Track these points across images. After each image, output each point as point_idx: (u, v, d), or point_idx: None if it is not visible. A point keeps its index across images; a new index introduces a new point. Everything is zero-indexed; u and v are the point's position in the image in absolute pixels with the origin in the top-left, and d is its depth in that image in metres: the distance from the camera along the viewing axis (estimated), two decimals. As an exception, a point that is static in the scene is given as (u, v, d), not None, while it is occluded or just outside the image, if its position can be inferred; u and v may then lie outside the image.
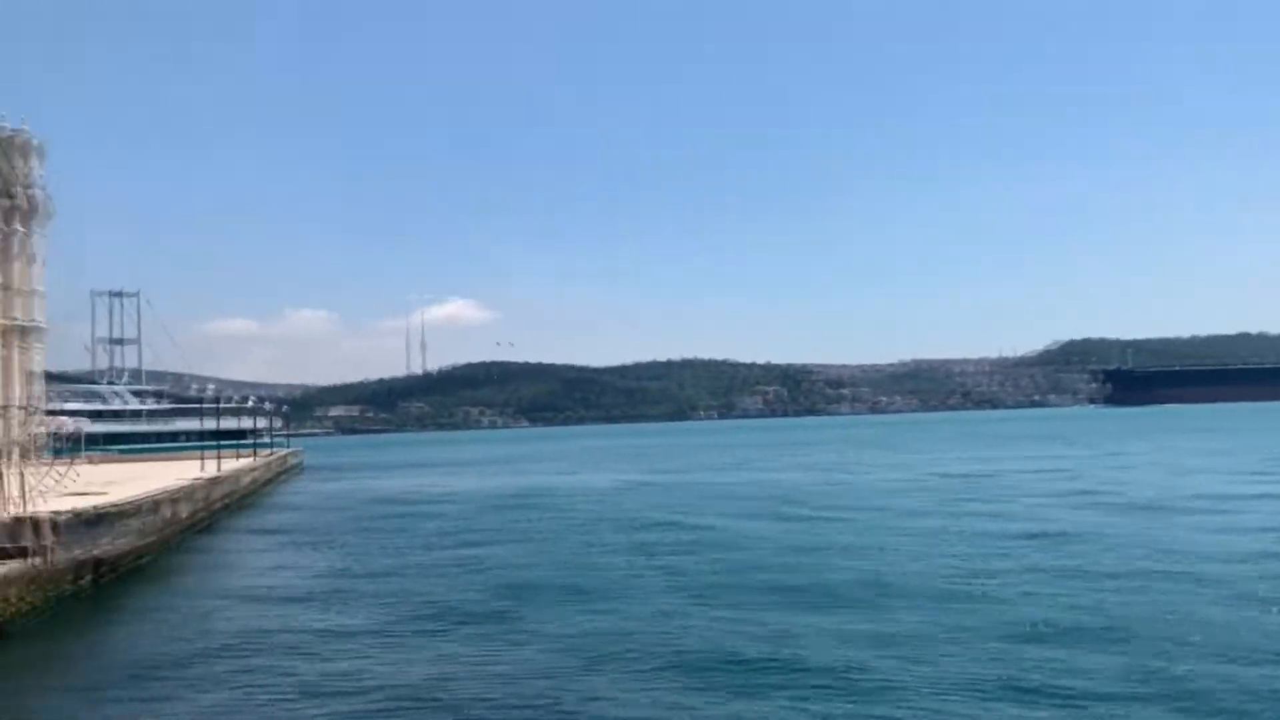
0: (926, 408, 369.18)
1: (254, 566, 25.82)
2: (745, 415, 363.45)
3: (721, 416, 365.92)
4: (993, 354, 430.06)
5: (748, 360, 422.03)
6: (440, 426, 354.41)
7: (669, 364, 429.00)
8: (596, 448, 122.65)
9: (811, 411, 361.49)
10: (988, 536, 26.22)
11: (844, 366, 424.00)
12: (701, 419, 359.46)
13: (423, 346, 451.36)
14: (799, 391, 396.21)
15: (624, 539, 27.79)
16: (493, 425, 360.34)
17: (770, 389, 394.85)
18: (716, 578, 20.86)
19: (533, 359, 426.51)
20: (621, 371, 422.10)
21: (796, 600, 18.10)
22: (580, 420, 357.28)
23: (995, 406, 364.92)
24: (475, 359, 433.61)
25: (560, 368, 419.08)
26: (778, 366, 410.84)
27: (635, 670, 13.59)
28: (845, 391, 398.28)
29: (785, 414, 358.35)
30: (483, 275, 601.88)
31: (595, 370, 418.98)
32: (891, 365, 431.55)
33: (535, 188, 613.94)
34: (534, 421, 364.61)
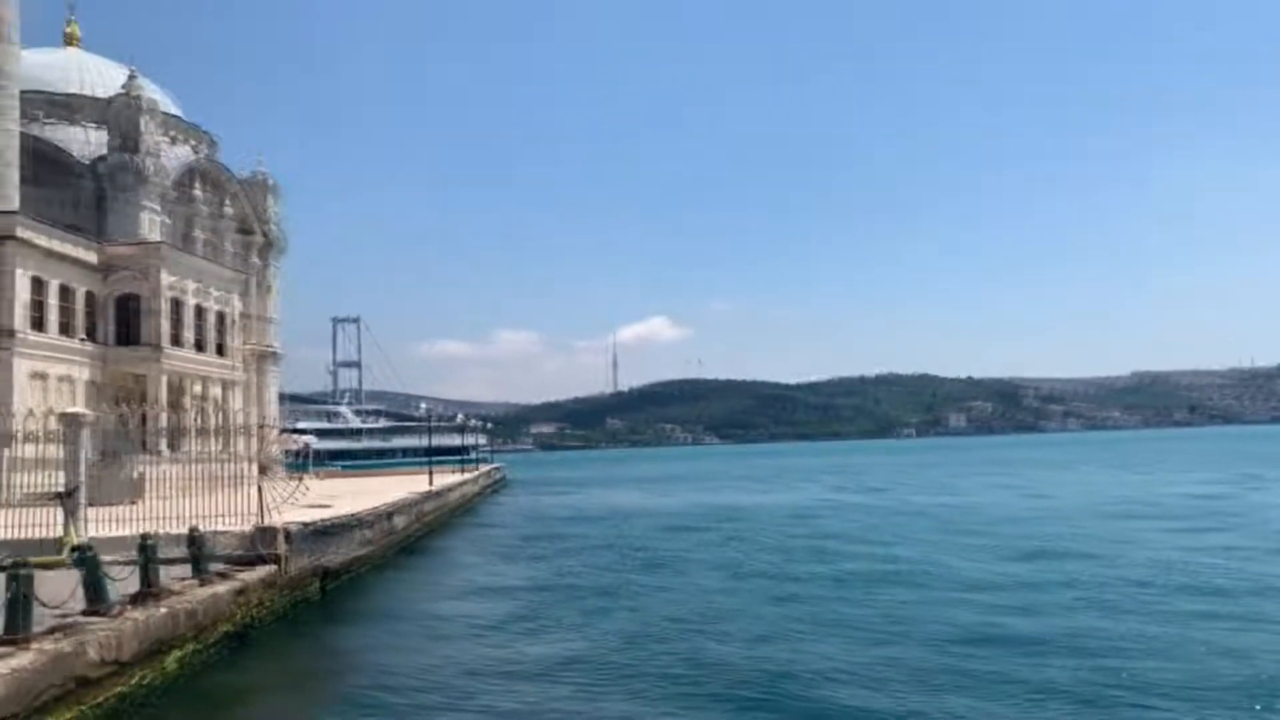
0: (1151, 423, 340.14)
1: (463, 576, 27.00)
2: (950, 432, 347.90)
3: (923, 434, 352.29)
4: (1226, 364, 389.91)
5: (952, 375, 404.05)
6: (634, 443, 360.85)
7: (864, 380, 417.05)
8: (790, 465, 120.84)
9: (1022, 428, 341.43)
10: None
11: (1059, 380, 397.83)
12: (902, 436, 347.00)
13: (615, 365, 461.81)
14: (1010, 407, 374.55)
15: (825, 568, 25.79)
16: (683, 442, 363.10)
17: (977, 404, 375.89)
18: (957, 626, 17.18)
19: (724, 375, 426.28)
20: (815, 388, 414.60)
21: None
22: (772, 438, 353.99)
23: (1229, 421, 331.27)
24: (668, 376, 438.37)
25: (752, 384, 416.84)
26: (986, 381, 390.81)
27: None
28: (1060, 407, 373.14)
29: (994, 431, 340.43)
30: (678, 293, 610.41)
31: (788, 387, 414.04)
32: (1111, 378, 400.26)
33: (730, 203, 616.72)
34: (724, 438, 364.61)
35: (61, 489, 19.10)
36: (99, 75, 56.07)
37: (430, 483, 44.77)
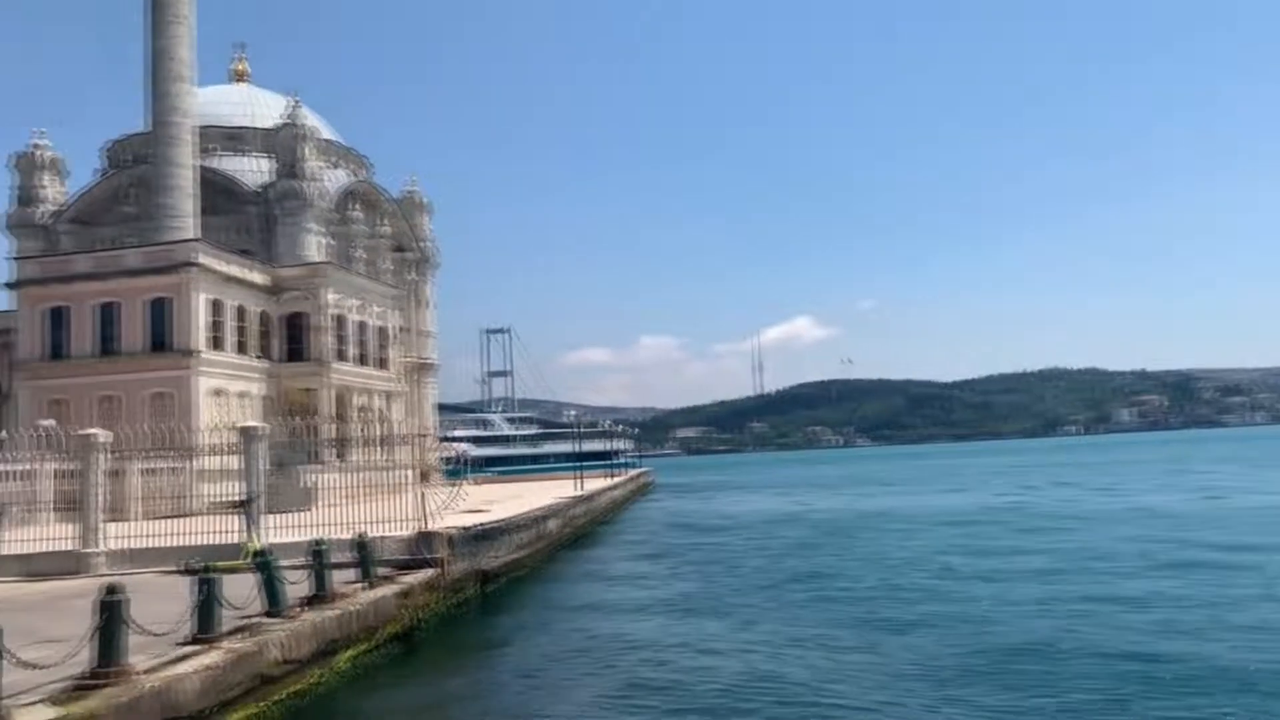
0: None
1: (614, 578, 27.14)
2: (1119, 429, 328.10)
3: (1090, 431, 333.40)
4: None
5: (1121, 368, 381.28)
6: (780, 446, 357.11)
7: (1025, 375, 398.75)
8: (947, 466, 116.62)
9: (1197, 423, 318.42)
10: None
11: (1240, 370, 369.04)
12: (1069, 433, 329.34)
13: (760, 367, 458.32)
14: (1185, 400, 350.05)
15: (1004, 587, 22.51)
16: (833, 444, 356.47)
17: (1149, 398, 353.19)
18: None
19: (873, 375, 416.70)
20: (971, 385, 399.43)
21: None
22: (927, 438, 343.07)
23: None
24: (812, 378, 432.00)
25: (903, 383, 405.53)
26: (1158, 373, 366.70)
27: None
28: (1243, 399, 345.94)
29: (1167, 426, 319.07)
30: (823, 292, 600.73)
31: (942, 385, 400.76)
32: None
33: (878, 199, 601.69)
34: (875, 440, 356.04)
35: (241, 498, 20.28)
36: (265, 107, 59.80)
37: (579, 487, 45.47)
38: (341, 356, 46.96)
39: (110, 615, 10.19)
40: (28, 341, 41.41)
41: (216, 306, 41.70)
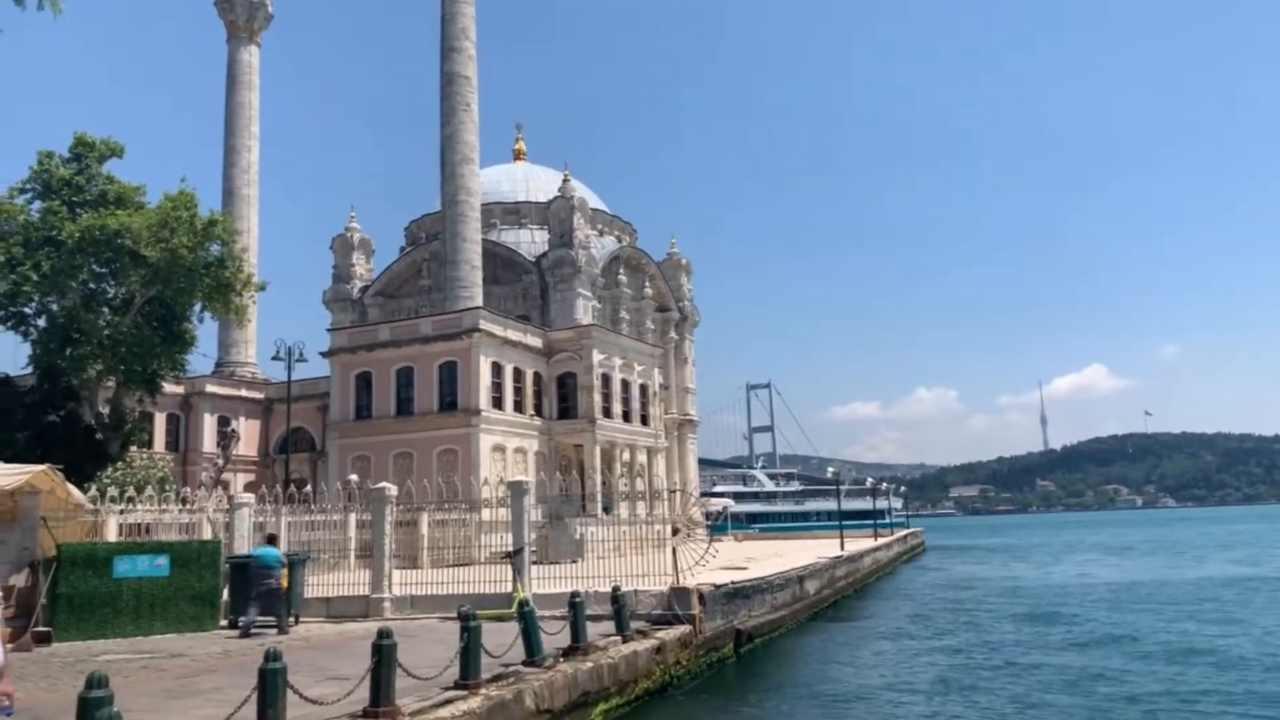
0: None
1: (878, 647, 25.86)
2: None
3: None
4: None
5: None
6: (1068, 506, 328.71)
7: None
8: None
9: None
10: None
11: None
12: None
13: (1044, 421, 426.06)
14: None
15: None
16: (1133, 505, 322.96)
17: None
18: None
19: (1175, 429, 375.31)
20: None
21: None
22: (1246, 500, 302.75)
23: None
24: (1105, 432, 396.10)
25: (1215, 437, 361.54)
26: None
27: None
28: None
29: None
30: (1117, 339, 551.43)
31: (1263, 439, 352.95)
32: None
33: (1177, 236, 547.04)
34: (1182, 500, 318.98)
35: (510, 549, 21.48)
36: (539, 182, 64.52)
37: (842, 547, 44.15)
38: (607, 414, 48.95)
39: (381, 658, 11.06)
40: (339, 403, 46.67)
41: (497, 369, 44.98)
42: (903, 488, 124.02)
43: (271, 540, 20.74)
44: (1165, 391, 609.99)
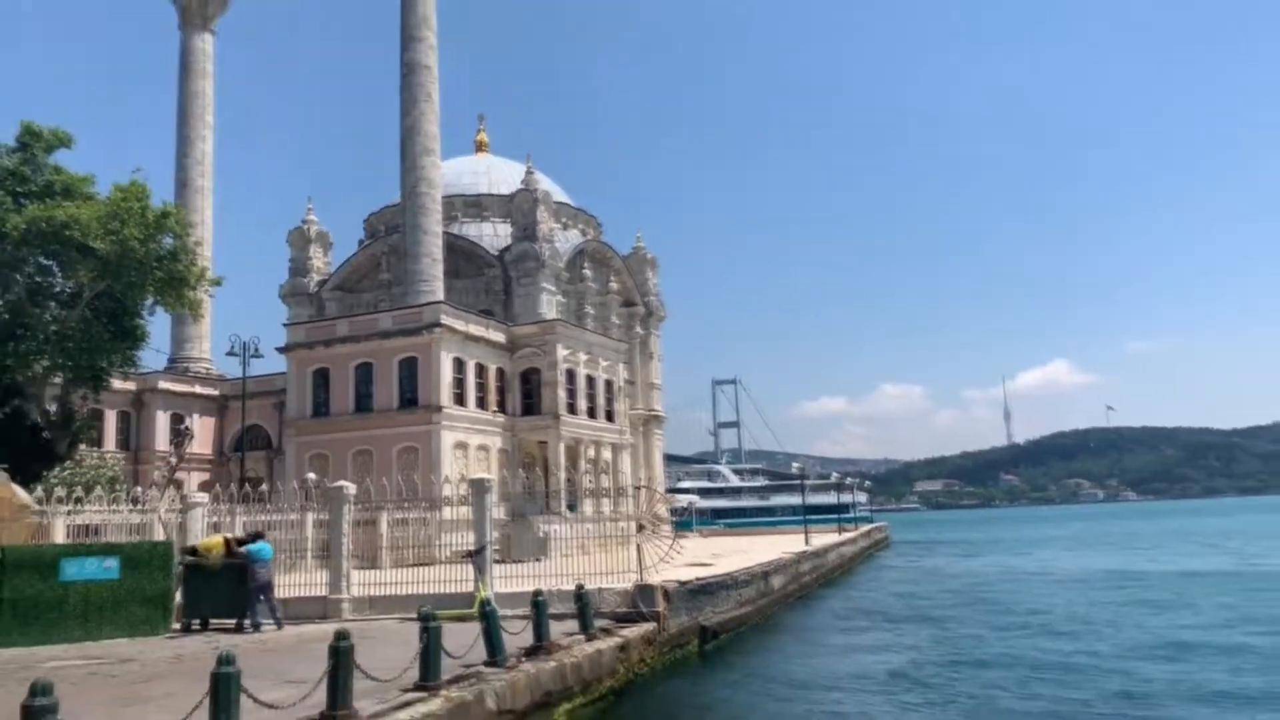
0: None
1: (844, 642, 25.75)
2: None
3: None
4: None
5: None
6: (1032, 501, 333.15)
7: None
8: (1237, 528, 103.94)
9: None
10: None
11: None
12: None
13: (1008, 416, 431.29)
14: None
15: None
16: (1097, 499, 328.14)
17: None
18: None
19: (1136, 423, 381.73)
20: (1257, 432, 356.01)
21: None
22: (1206, 493, 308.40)
23: None
24: (1068, 426, 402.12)
25: (1177, 432, 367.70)
26: None
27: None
28: None
29: None
30: (1081, 334, 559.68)
31: (1224, 433, 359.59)
32: None
33: (1146, 232, 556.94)
34: (1143, 494, 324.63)
35: (472, 548, 21.07)
36: (502, 174, 63.86)
37: (806, 542, 44.19)
38: (572, 410, 48.53)
39: (338, 661, 10.67)
40: (296, 401, 45.83)
41: (459, 364, 44.36)
42: (868, 482, 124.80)
43: (259, 536, 20.51)
44: (1128, 387, 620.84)
